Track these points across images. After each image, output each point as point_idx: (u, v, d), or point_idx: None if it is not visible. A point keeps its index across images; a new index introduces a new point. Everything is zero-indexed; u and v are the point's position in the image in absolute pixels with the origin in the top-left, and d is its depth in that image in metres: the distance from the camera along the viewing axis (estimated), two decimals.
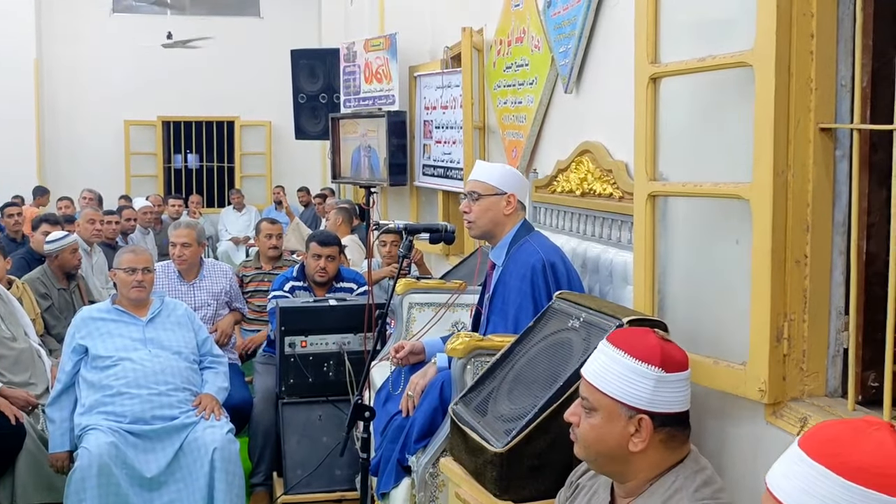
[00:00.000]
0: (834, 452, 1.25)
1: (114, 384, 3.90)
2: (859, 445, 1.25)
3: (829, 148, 2.18)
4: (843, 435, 1.28)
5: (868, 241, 2.13)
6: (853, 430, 1.28)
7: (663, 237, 2.67)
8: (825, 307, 2.23)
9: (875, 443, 1.25)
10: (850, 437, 1.27)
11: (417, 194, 7.23)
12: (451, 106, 6.18)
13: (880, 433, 1.26)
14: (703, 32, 2.49)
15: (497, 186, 3.31)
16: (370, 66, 7.66)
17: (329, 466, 4.22)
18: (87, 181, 11.10)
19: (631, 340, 1.95)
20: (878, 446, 1.24)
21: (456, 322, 3.98)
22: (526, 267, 3.14)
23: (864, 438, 1.26)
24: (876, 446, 1.24)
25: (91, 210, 7.29)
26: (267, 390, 4.62)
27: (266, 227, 6.04)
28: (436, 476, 2.97)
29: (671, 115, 2.60)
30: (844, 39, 2.16)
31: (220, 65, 12.93)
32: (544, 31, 4.00)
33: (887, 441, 1.25)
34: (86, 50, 12.97)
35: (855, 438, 1.26)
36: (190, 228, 5.27)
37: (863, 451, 1.24)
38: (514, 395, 2.59)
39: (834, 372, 2.25)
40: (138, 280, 4.12)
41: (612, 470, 1.98)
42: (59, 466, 3.96)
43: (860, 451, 1.24)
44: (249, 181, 13.55)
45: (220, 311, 5.20)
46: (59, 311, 5.45)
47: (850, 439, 1.26)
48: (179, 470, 3.86)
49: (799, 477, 1.27)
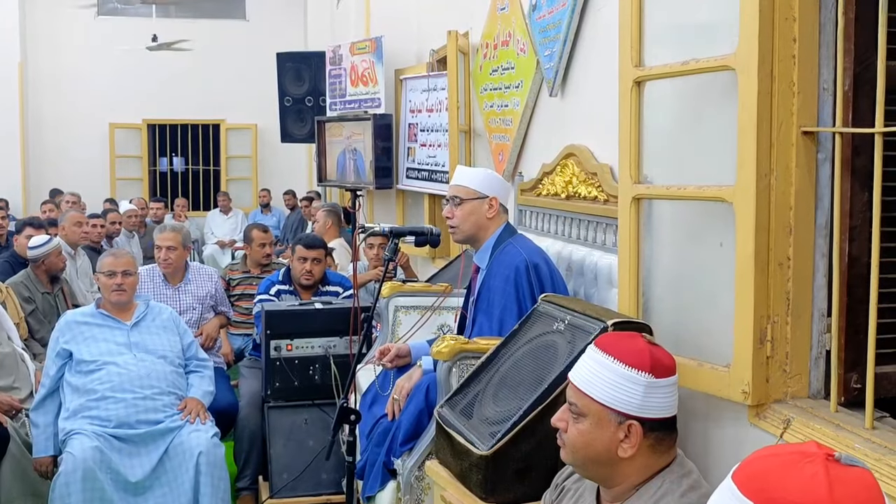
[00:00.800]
0: (762, 487, 1.22)
1: (98, 388, 3.89)
2: (788, 481, 1.22)
3: (811, 151, 2.20)
4: (774, 469, 1.25)
5: (850, 243, 2.14)
6: (785, 463, 1.25)
7: (648, 240, 2.68)
8: (808, 309, 2.24)
9: (805, 478, 1.21)
10: (780, 471, 1.24)
11: (403, 197, 7.22)
12: (436, 109, 6.18)
13: (812, 466, 1.22)
14: (687, 36, 2.50)
15: (479, 190, 3.32)
16: (356, 69, 7.66)
17: (315, 470, 4.21)
18: (72, 184, 11.05)
19: (620, 345, 1.94)
20: (807, 482, 1.21)
21: (442, 325, 3.97)
22: (510, 269, 3.15)
23: (795, 473, 1.22)
24: (805, 482, 1.21)
25: (76, 212, 7.24)
26: (252, 394, 4.61)
27: (259, 236, 5.98)
28: (421, 479, 2.97)
29: (655, 119, 2.61)
30: (826, 43, 2.18)
31: (206, 68, 12.90)
32: (530, 35, 4.01)
33: (818, 475, 1.21)
34: (70, 53, 12.91)
35: (785, 473, 1.23)
36: (175, 232, 5.25)
37: (790, 488, 1.21)
38: (499, 397, 2.59)
39: (817, 374, 2.27)
40: (118, 283, 4.11)
41: (598, 474, 1.98)
42: (43, 471, 3.94)
43: (788, 487, 1.21)
44: (235, 184, 13.51)
45: (206, 314, 5.18)
46: (43, 315, 5.42)
47: (780, 473, 1.23)
48: (165, 474, 3.84)
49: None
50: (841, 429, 2.03)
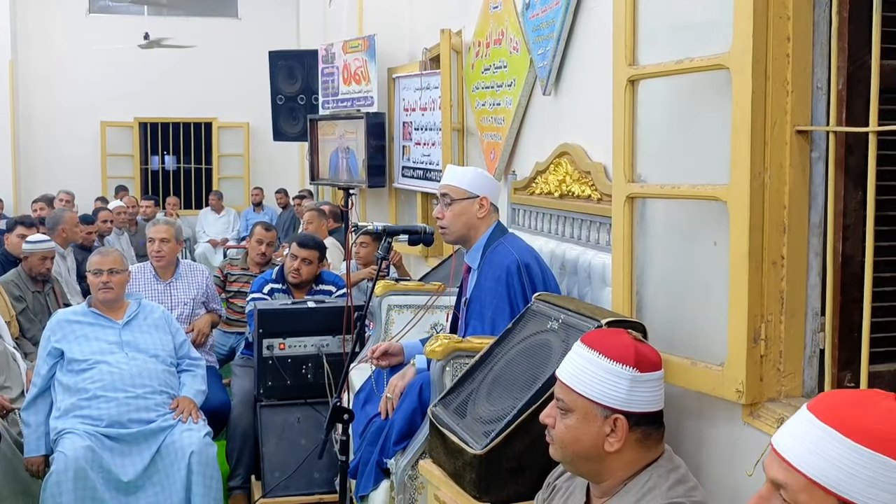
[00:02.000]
0: (844, 416, 1.28)
1: (90, 387, 3.87)
2: (869, 411, 1.28)
3: (805, 150, 2.20)
4: (853, 401, 1.31)
5: (844, 242, 2.14)
6: (862, 397, 1.32)
7: (641, 239, 2.68)
8: (801, 308, 2.25)
9: (884, 410, 1.28)
10: (859, 403, 1.31)
11: (396, 196, 7.22)
12: (430, 108, 6.17)
13: (888, 401, 1.30)
14: (681, 35, 2.50)
15: (469, 190, 3.32)
16: (349, 68, 7.65)
17: (308, 469, 4.20)
18: (63, 183, 11.01)
19: (605, 341, 1.97)
20: (886, 413, 1.28)
21: (435, 324, 3.97)
22: (501, 269, 3.15)
23: (873, 405, 1.29)
24: (885, 413, 1.28)
25: (71, 214, 7.18)
26: (245, 393, 4.60)
27: (259, 233, 5.91)
28: (415, 478, 2.96)
29: (649, 118, 2.60)
30: (820, 43, 2.18)
31: (198, 66, 12.86)
32: (523, 33, 4.01)
33: (894, 409, 1.28)
34: (61, 51, 12.87)
35: (864, 405, 1.30)
36: (168, 225, 5.25)
37: (872, 417, 1.27)
38: (493, 396, 2.59)
39: (810, 372, 2.27)
40: (104, 281, 4.09)
41: (587, 470, 1.99)
42: (34, 471, 3.92)
43: (869, 416, 1.28)
44: (227, 183, 13.48)
45: (197, 310, 5.17)
46: (34, 314, 5.40)
47: (860, 405, 1.30)
48: (157, 473, 3.83)
49: (807, 438, 1.30)
50: None
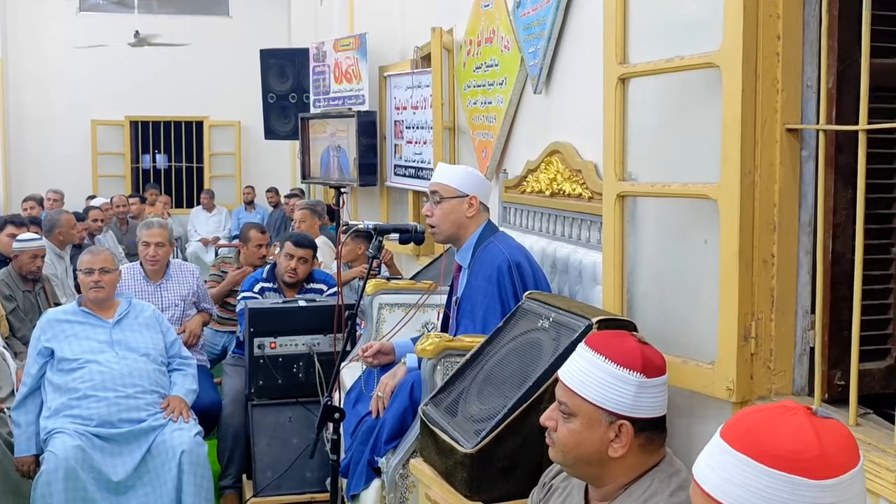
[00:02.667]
0: (754, 441, 1.27)
1: (80, 387, 3.86)
2: (778, 432, 1.27)
3: (795, 148, 2.20)
4: (762, 423, 1.30)
5: (834, 240, 2.15)
6: (770, 417, 1.30)
7: (632, 237, 2.68)
8: (792, 306, 2.25)
9: (792, 428, 1.27)
10: (768, 424, 1.29)
11: (388, 194, 7.21)
12: (421, 106, 6.17)
13: (796, 418, 1.28)
14: (672, 33, 2.50)
15: (458, 189, 3.32)
16: (340, 66, 7.64)
17: (299, 468, 4.20)
18: (53, 181, 10.96)
19: (611, 345, 1.92)
20: (795, 431, 1.26)
21: (426, 323, 3.97)
22: (492, 268, 3.14)
23: (782, 425, 1.28)
24: (793, 431, 1.26)
25: (67, 215, 7.10)
26: (236, 392, 4.59)
27: (256, 237, 5.89)
28: (406, 477, 2.96)
29: (640, 116, 2.61)
30: (810, 41, 2.18)
31: (189, 64, 12.82)
32: (514, 32, 4.01)
33: (804, 425, 1.27)
34: (52, 49, 12.81)
35: (773, 426, 1.29)
36: (163, 228, 5.22)
37: (781, 438, 1.26)
38: (484, 395, 2.59)
39: (801, 370, 2.27)
40: (95, 280, 4.08)
41: (588, 474, 1.96)
42: (24, 471, 3.90)
43: (779, 437, 1.26)
44: (219, 181, 13.44)
45: (188, 311, 5.15)
46: (24, 314, 5.37)
47: (769, 427, 1.29)
48: (147, 473, 3.82)
49: (723, 467, 1.29)
50: None
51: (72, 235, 6.86)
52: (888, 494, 1.80)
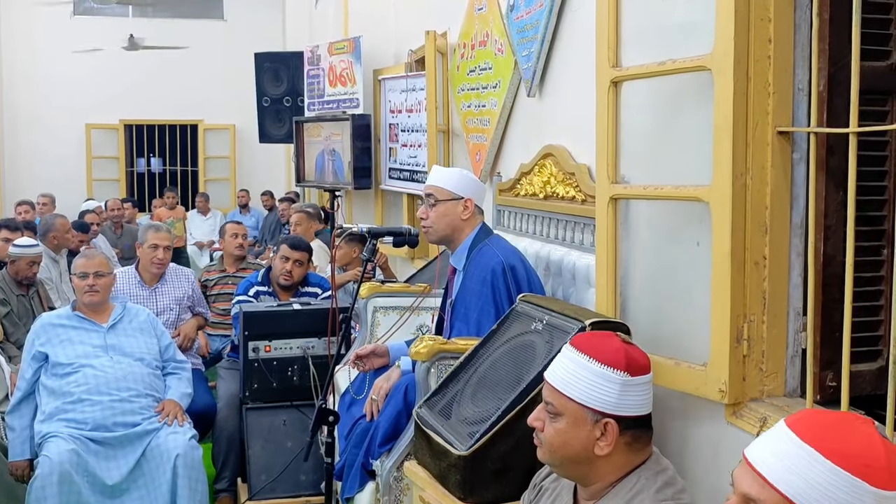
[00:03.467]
0: (825, 437, 1.31)
1: (74, 391, 3.86)
2: (848, 435, 1.31)
3: (786, 151, 2.21)
4: (834, 423, 1.34)
5: (825, 242, 2.16)
6: (842, 420, 1.35)
7: (625, 240, 2.69)
8: (784, 308, 2.26)
9: (864, 435, 1.31)
10: (839, 425, 1.33)
11: (382, 197, 7.21)
12: (416, 109, 6.17)
13: (866, 427, 1.33)
14: (664, 37, 2.51)
15: (453, 191, 3.32)
16: (334, 70, 7.64)
17: (294, 471, 4.19)
18: (48, 185, 10.96)
19: (595, 344, 1.95)
20: (866, 438, 1.30)
21: (420, 325, 3.97)
22: (486, 270, 3.15)
23: (853, 430, 1.32)
24: (864, 437, 1.30)
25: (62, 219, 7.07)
26: (231, 395, 4.59)
27: (231, 228, 6.10)
28: (400, 480, 2.96)
29: (633, 119, 2.61)
30: (801, 44, 2.19)
31: (184, 68, 12.83)
32: (507, 35, 4.02)
33: (874, 435, 1.31)
34: (46, 53, 12.81)
35: (845, 428, 1.32)
36: (168, 232, 5.23)
37: (852, 441, 1.30)
38: (477, 397, 2.59)
39: (793, 372, 2.28)
40: (90, 284, 4.08)
41: (576, 473, 1.99)
42: (19, 475, 3.90)
43: (850, 440, 1.30)
44: (214, 185, 13.46)
45: (183, 315, 5.15)
46: (18, 318, 5.37)
47: (840, 428, 1.32)
48: (142, 477, 3.82)
49: (786, 456, 1.32)
50: None
51: (66, 240, 6.84)
52: None
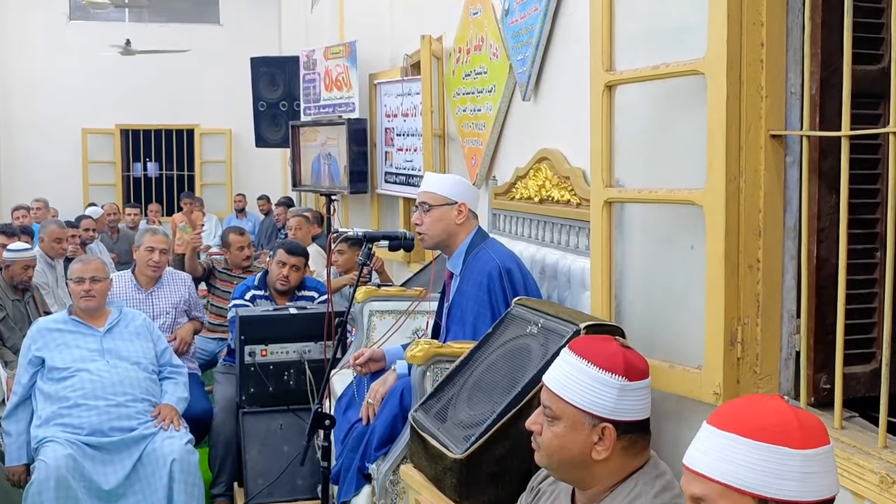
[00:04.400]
0: (740, 421, 1.42)
1: (71, 396, 3.86)
2: (760, 411, 1.42)
3: (779, 154, 2.22)
4: (744, 405, 1.46)
5: (818, 245, 2.16)
6: (751, 401, 1.47)
7: (620, 243, 2.70)
8: (777, 311, 2.27)
9: (772, 407, 1.42)
10: (750, 406, 1.45)
11: (378, 202, 7.22)
12: (411, 113, 6.18)
13: (773, 401, 1.44)
14: (657, 41, 2.52)
15: (447, 196, 3.33)
16: (330, 74, 7.65)
17: (290, 475, 4.20)
18: (44, 190, 10.95)
19: (593, 349, 1.95)
20: (775, 409, 1.42)
21: (417, 329, 3.98)
22: (482, 274, 3.15)
23: (763, 405, 1.43)
24: (774, 410, 1.42)
25: (56, 227, 7.00)
26: (227, 400, 4.59)
27: (236, 240, 5.93)
28: (396, 483, 2.97)
29: (627, 123, 2.62)
30: (794, 48, 2.20)
31: (180, 72, 12.83)
32: (502, 39, 4.03)
33: (781, 405, 1.43)
34: (42, 58, 12.82)
35: (755, 407, 1.44)
36: (165, 235, 5.23)
37: (762, 415, 1.41)
38: (473, 401, 2.60)
39: (787, 374, 2.29)
40: (86, 289, 4.08)
41: (573, 477, 1.99)
42: (15, 480, 3.90)
43: (762, 415, 1.41)
44: (210, 189, 13.45)
45: (179, 319, 5.15)
46: (14, 322, 5.36)
47: (751, 408, 1.44)
48: (138, 481, 3.82)
49: (713, 448, 1.42)
50: None
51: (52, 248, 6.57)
52: (872, 496, 1.81)
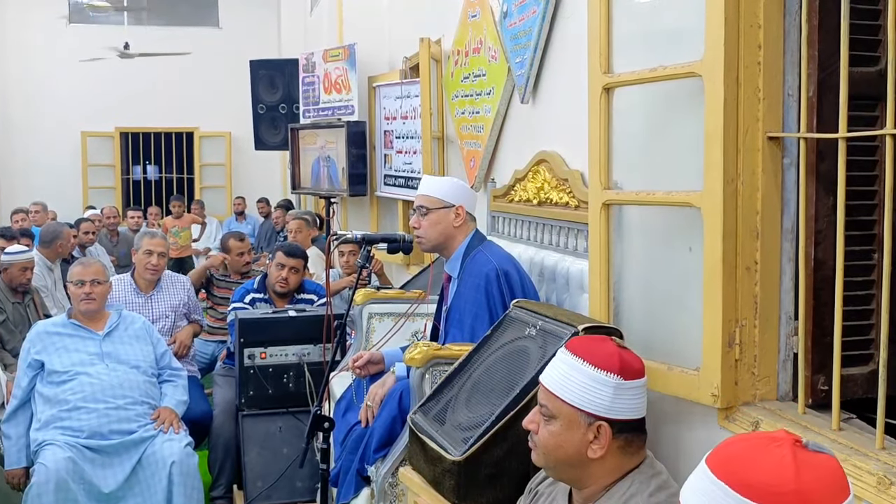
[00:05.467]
0: (733, 470, 1.28)
1: (70, 399, 3.86)
2: (757, 463, 1.28)
3: (777, 156, 2.23)
4: (745, 452, 1.30)
5: (816, 247, 2.17)
6: (754, 446, 1.31)
7: (618, 245, 2.70)
8: (775, 313, 2.27)
9: (774, 460, 1.27)
10: (750, 454, 1.30)
11: (377, 204, 7.23)
12: (410, 116, 6.19)
13: (780, 450, 1.28)
14: (655, 43, 2.53)
15: (444, 199, 3.33)
16: (329, 77, 7.66)
17: (289, 478, 4.20)
18: (43, 193, 10.95)
19: (590, 348, 1.96)
20: (775, 464, 1.27)
21: (416, 332, 3.98)
22: (480, 277, 3.16)
23: (764, 455, 1.28)
24: (774, 464, 1.27)
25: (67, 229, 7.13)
26: (227, 402, 4.60)
27: (236, 246, 6.00)
28: (395, 485, 2.97)
29: (625, 125, 2.63)
30: (791, 50, 2.21)
31: (179, 75, 12.85)
32: (501, 42, 4.03)
33: (785, 458, 1.26)
34: (41, 61, 12.82)
35: (755, 456, 1.29)
36: (163, 238, 5.24)
37: (760, 469, 1.26)
38: (471, 403, 2.60)
39: (785, 376, 2.29)
40: (86, 292, 4.08)
41: (570, 476, 2.00)
42: (15, 483, 3.90)
43: (757, 468, 1.27)
44: (209, 192, 13.45)
45: (179, 322, 5.15)
46: (14, 325, 5.37)
47: (750, 457, 1.29)
48: (138, 484, 3.82)
49: (704, 493, 1.30)
50: (808, 430, 2.05)
51: (68, 249, 6.91)
52: (870, 497, 1.81)
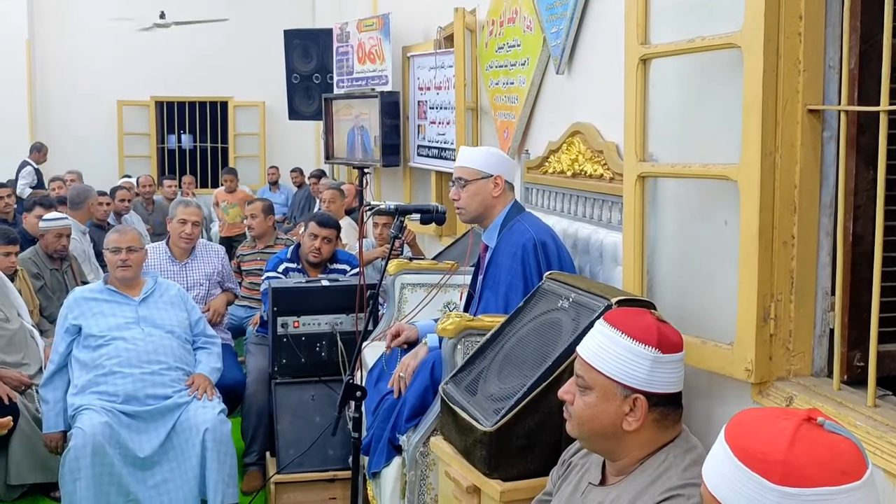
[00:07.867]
0: (738, 434, 1.34)
1: (106, 363, 3.91)
2: (759, 432, 1.32)
3: (816, 129, 2.20)
4: (754, 421, 1.35)
5: (854, 222, 2.14)
6: (765, 417, 1.35)
7: (652, 218, 2.68)
8: (812, 288, 2.25)
9: (774, 431, 1.30)
10: (757, 423, 1.34)
11: (410, 175, 7.23)
12: (444, 86, 6.17)
13: (787, 422, 1.31)
14: (693, 14, 2.49)
15: (482, 170, 3.33)
16: (363, 47, 7.64)
17: (321, 446, 4.24)
18: (79, 162, 11.04)
19: (628, 321, 1.95)
20: (774, 435, 1.30)
21: (448, 302, 3.99)
22: (517, 246, 3.16)
23: (768, 426, 1.32)
24: (772, 434, 1.30)
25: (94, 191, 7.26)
26: (260, 370, 4.64)
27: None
28: (426, 455, 2.99)
29: (661, 97, 2.60)
30: (832, 22, 2.17)
31: (214, 45, 12.84)
32: (536, 12, 4.00)
33: (786, 430, 1.29)
34: (78, 30, 12.87)
35: (760, 425, 1.33)
36: (199, 208, 5.27)
37: (758, 437, 1.31)
38: (503, 374, 2.60)
39: (820, 352, 2.27)
40: (122, 259, 4.13)
41: (604, 448, 2.00)
42: (52, 447, 3.97)
43: (756, 436, 1.31)
44: (243, 162, 13.50)
45: (213, 290, 5.21)
46: (52, 292, 5.45)
47: (756, 426, 1.33)
48: (172, 450, 3.88)
49: (713, 452, 1.38)
50: (843, 406, 2.04)
51: (98, 210, 7.02)
52: None
